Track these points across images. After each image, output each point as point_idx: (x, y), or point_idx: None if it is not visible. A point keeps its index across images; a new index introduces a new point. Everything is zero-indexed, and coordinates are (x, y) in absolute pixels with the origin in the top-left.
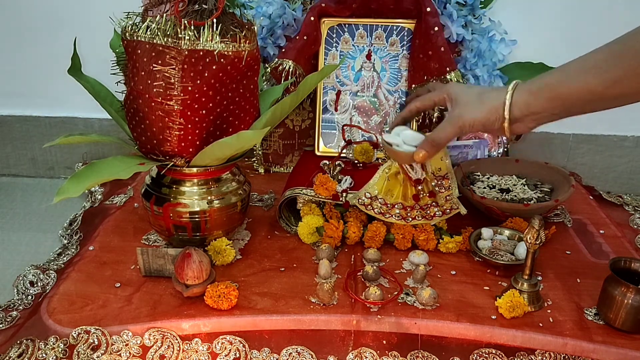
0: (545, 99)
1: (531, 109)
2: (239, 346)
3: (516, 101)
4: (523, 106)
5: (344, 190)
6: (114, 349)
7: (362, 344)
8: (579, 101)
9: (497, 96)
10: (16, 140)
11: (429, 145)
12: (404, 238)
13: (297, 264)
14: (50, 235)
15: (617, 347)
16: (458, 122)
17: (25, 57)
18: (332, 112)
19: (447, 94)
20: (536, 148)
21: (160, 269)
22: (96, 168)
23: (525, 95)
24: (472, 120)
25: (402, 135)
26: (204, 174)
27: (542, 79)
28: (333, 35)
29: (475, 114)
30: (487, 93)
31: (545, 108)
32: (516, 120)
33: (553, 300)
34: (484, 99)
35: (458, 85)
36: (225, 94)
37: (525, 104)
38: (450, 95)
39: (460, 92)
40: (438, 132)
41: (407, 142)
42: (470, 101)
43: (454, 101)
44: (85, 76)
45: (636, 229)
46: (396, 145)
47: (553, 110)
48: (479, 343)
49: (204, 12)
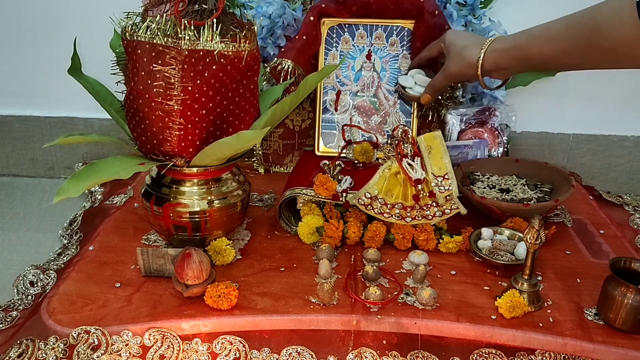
0: (511, 58)
1: (500, 65)
2: (239, 346)
3: (487, 58)
4: (492, 63)
5: (344, 190)
6: (114, 349)
7: (362, 344)
8: (538, 64)
9: (473, 53)
10: (16, 140)
11: (430, 90)
12: (404, 238)
13: (297, 264)
14: (50, 235)
15: (617, 347)
16: (446, 72)
17: (25, 57)
18: (332, 112)
19: (444, 44)
20: (536, 148)
21: (160, 269)
22: (96, 168)
23: (495, 54)
24: (455, 72)
25: (415, 78)
26: (204, 174)
27: (512, 40)
28: (333, 35)
29: (456, 67)
30: (467, 49)
31: (511, 65)
32: (489, 71)
33: (553, 300)
34: (463, 55)
35: (453, 34)
36: (225, 94)
37: (494, 61)
38: (444, 45)
39: (451, 43)
40: (435, 80)
41: (420, 83)
42: (455, 55)
43: (446, 51)
44: (85, 76)
45: (636, 229)
46: (409, 87)
47: (518, 68)
48: (479, 343)
49: (204, 12)
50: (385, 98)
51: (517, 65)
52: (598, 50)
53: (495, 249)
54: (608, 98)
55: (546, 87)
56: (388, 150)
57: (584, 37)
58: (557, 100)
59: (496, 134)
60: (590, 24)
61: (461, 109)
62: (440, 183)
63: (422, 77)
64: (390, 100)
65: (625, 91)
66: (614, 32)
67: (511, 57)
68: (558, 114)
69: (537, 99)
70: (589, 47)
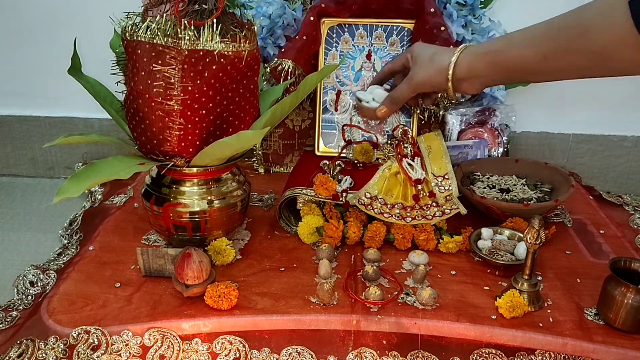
0: (487, 64)
1: (474, 72)
2: (239, 346)
3: (460, 63)
4: (466, 69)
5: (344, 190)
6: (114, 349)
7: (362, 344)
8: (516, 70)
9: (445, 58)
10: (16, 140)
11: (389, 102)
12: (404, 238)
13: (297, 264)
14: (50, 235)
15: (617, 347)
16: (411, 81)
17: (25, 57)
18: (332, 112)
19: (410, 54)
20: (536, 148)
21: (160, 269)
22: (96, 168)
23: (470, 58)
24: (421, 80)
25: (374, 93)
26: (204, 174)
27: (489, 45)
28: (333, 35)
29: (424, 74)
30: (438, 54)
31: (487, 72)
32: (461, 80)
33: (553, 300)
34: (434, 60)
35: (420, 45)
36: (225, 94)
37: (468, 67)
38: (411, 55)
39: (419, 53)
40: (396, 91)
41: (377, 99)
42: (424, 61)
43: (413, 61)
44: (85, 76)
45: (636, 229)
46: (365, 101)
47: (494, 75)
48: (479, 343)
49: (204, 12)
50: None
51: (493, 73)
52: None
53: (495, 249)
54: (608, 98)
55: (546, 87)
56: (388, 150)
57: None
58: (557, 100)
59: (496, 134)
60: (576, 26)
61: (461, 109)
62: (440, 183)
63: (381, 91)
64: None
65: (625, 91)
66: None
67: (487, 63)
68: (558, 114)
69: (537, 98)
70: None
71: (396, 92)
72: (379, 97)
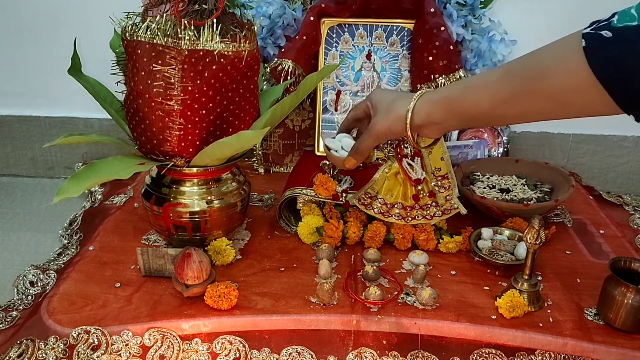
0: (445, 111)
1: (432, 118)
2: (239, 346)
3: (418, 110)
4: (424, 116)
5: (344, 190)
6: (114, 349)
7: (362, 344)
8: (474, 116)
9: (403, 105)
10: (16, 140)
11: (354, 154)
12: (404, 238)
13: (297, 264)
14: (50, 235)
15: (617, 347)
16: (372, 131)
17: (25, 57)
18: (332, 112)
19: (370, 102)
20: (536, 148)
21: (160, 269)
22: (96, 168)
23: (427, 105)
24: (382, 129)
25: (343, 142)
26: (204, 174)
27: (445, 91)
28: (333, 35)
29: (384, 123)
30: (396, 101)
31: (445, 119)
32: (419, 128)
33: (553, 300)
34: (392, 108)
35: (379, 92)
36: (225, 94)
37: (425, 114)
38: (371, 102)
39: (378, 100)
40: (359, 142)
41: (345, 147)
42: (383, 110)
43: (373, 109)
44: (85, 76)
45: (636, 229)
46: (334, 150)
47: (453, 122)
48: (479, 343)
49: (204, 12)
50: None
51: (450, 119)
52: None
53: (495, 249)
54: None
55: None
56: (388, 150)
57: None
58: None
59: (496, 134)
60: (533, 69)
61: None
62: (440, 183)
63: (349, 140)
64: None
65: None
66: (559, 78)
67: (444, 109)
68: None
69: None
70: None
71: (359, 143)
72: (347, 145)
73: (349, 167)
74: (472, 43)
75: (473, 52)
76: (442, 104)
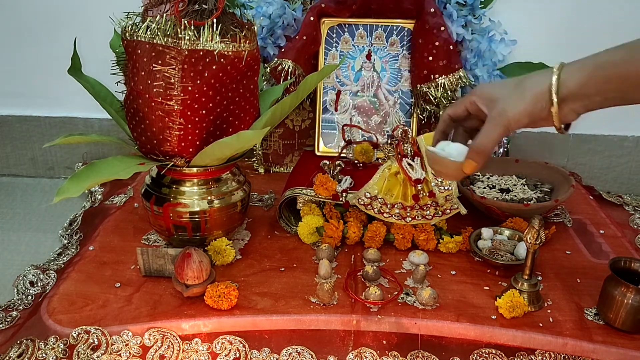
0: (603, 78)
1: (584, 89)
2: (239, 346)
3: (565, 81)
4: (574, 86)
5: (344, 190)
6: (114, 349)
7: (362, 344)
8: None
9: (541, 79)
10: (16, 140)
11: (475, 154)
12: (404, 238)
13: (297, 264)
14: (50, 235)
15: (617, 347)
16: (501, 120)
17: (25, 57)
18: (332, 112)
19: (478, 95)
20: (536, 148)
21: (160, 269)
22: (96, 168)
23: (577, 74)
24: (516, 114)
25: (447, 149)
26: (204, 174)
27: (598, 58)
28: (333, 35)
29: (518, 106)
30: (527, 79)
31: (600, 90)
32: (565, 102)
33: (553, 300)
34: (525, 87)
35: (489, 84)
36: (225, 94)
37: (577, 83)
38: (482, 95)
39: (494, 88)
40: (482, 138)
41: (453, 156)
42: (509, 94)
43: (489, 99)
44: (85, 76)
45: (636, 229)
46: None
47: (608, 93)
48: (479, 343)
49: (204, 12)
50: (385, 98)
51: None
52: None
53: (495, 249)
54: None
55: None
56: (388, 150)
57: None
58: None
59: None
60: None
61: None
62: (440, 183)
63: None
64: (390, 100)
65: None
66: None
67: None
68: None
69: None
70: None
71: (483, 139)
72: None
73: (469, 173)
74: (472, 43)
75: (473, 52)
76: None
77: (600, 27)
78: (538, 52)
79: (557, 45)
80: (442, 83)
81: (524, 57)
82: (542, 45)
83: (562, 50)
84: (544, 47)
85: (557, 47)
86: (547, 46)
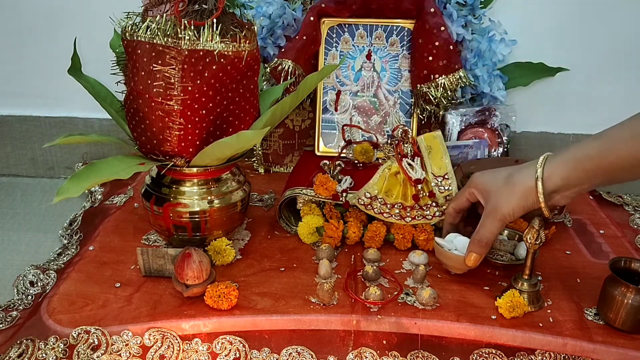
0: (584, 172)
1: (569, 181)
2: (239, 346)
3: (550, 176)
4: (559, 180)
5: (344, 190)
6: (114, 349)
7: (362, 344)
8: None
9: (527, 175)
10: (16, 140)
11: (476, 246)
12: (404, 238)
13: (297, 264)
14: (50, 235)
15: (617, 347)
16: (496, 215)
17: (25, 57)
18: (332, 112)
19: (475, 187)
20: (536, 148)
21: (160, 269)
22: (96, 168)
23: (560, 169)
24: (510, 210)
25: (455, 241)
26: (204, 174)
27: (578, 150)
28: (333, 35)
29: (511, 202)
30: (515, 175)
31: (584, 179)
32: (551, 195)
33: (553, 300)
34: (514, 182)
35: (482, 174)
36: (225, 94)
37: (561, 177)
38: (478, 187)
39: (487, 181)
40: (481, 231)
41: (460, 248)
42: (500, 189)
43: (484, 193)
44: (85, 76)
45: (636, 229)
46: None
47: (594, 180)
48: (479, 343)
49: (204, 12)
50: (385, 98)
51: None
52: None
53: (495, 249)
54: (608, 98)
55: (546, 87)
56: (388, 150)
57: None
58: (557, 100)
59: (496, 134)
60: None
61: (461, 109)
62: (440, 183)
63: (462, 238)
64: (390, 100)
65: (626, 91)
66: None
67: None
68: (558, 114)
69: (537, 99)
70: None
71: (482, 232)
72: (462, 245)
73: (471, 265)
74: (472, 43)
75: (473, 52)
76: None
77: (600, 27)
78: (538, 52)
79: (557, 45)
80: (442, 83)
81: (524, 57)
82: (542, 45)
83: (562, 50)
84: (544, 47)
85: (557, 47)
86: (547, 46)
